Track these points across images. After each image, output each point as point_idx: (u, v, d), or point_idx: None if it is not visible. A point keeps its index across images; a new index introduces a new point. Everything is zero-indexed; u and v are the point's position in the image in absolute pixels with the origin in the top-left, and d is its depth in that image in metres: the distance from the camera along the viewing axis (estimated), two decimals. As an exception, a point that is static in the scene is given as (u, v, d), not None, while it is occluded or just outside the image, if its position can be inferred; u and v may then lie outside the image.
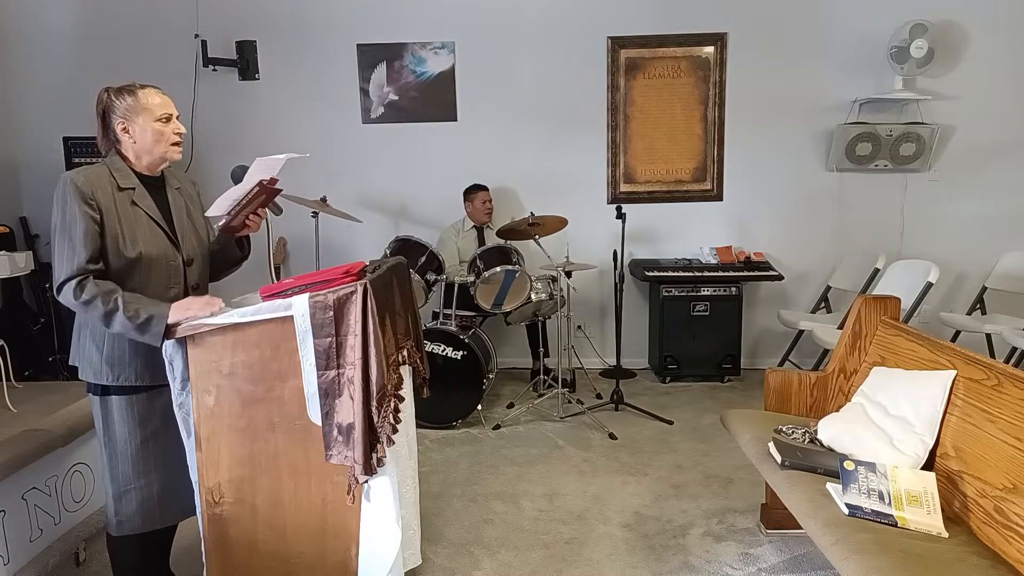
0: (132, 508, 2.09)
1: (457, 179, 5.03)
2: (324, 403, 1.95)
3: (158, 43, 4.98)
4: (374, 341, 1.93)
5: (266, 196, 2.16)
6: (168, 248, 2.09)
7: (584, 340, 5.19)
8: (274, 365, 1.99)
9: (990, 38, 4.89)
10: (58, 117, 4.95)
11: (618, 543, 2.83)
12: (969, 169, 5.01)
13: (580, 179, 5.17)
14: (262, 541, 2.07)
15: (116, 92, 2.04)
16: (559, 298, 4.42)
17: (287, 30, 5.03)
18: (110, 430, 2.06)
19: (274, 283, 2.06)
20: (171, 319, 1.94)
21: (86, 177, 1.97)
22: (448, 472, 3.53)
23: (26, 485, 2.46)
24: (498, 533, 2.93)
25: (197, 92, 5.05)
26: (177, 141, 2.10)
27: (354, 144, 5.15)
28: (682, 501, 3.18)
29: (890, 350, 2.67)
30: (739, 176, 5.15)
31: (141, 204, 2.05)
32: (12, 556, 2.38)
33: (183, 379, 2.01)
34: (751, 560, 2.68)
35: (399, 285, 2.39)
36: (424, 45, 5.05)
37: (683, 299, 4.81)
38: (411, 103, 5.11)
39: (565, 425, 4.15)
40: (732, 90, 5.06)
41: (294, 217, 4.40)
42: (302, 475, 2.03)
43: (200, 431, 2.02)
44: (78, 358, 2.08)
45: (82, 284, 1.91)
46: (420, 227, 5.14)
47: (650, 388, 4.85)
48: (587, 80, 5.06)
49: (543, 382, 4.57)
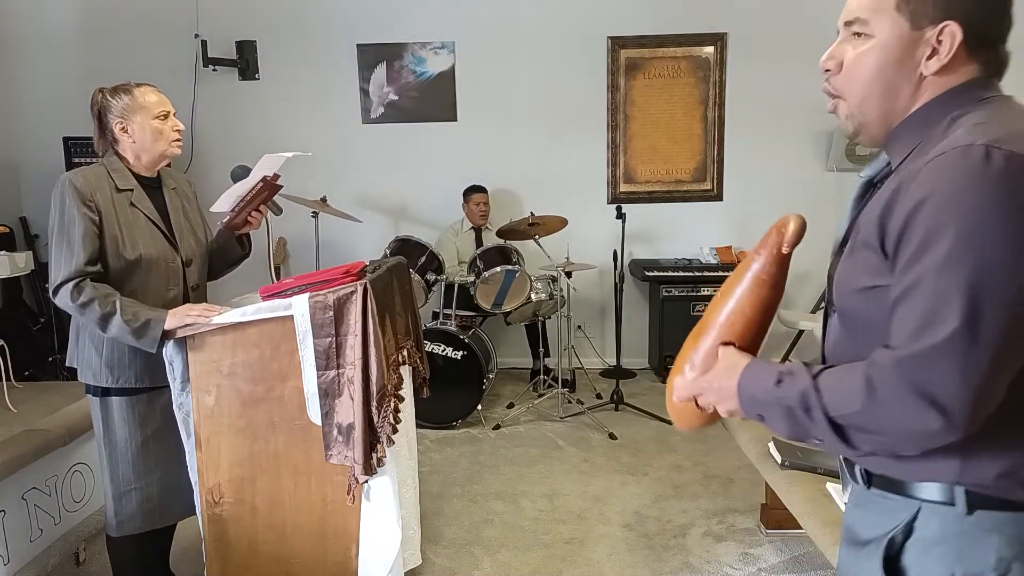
0: (132, 509, 2.09)
1: (457, 179, 5.03)
2: (324, 403, 1.95)
3: (158, 43, 4.98)
4: (374, 341, 1.93)
5: (269, 192, 2.16)
6: (167, 249, 2.09)
7: (584, 340, 5.19)
8: (274, 365, 1.99)
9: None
10: (58, 117, 4.94)
11: (618, 543, 2.83)
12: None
13: (580, 179, 5.17)
14: (262, 541, 2.07)
15: (111, 92, 2.04)
16: (559, 298, 4.42)
17: (287, 30, 5.03)
18: (110, 431, 2.06)
19: (274, 283, 2.06)
20: (168, 325, 1.93)
21: (85, 178, 1.96)
22: (448, 472, 3.53)
23: (26, 485, 2.45)
24: (498, 533, 2.93)
25: (197, 92, 5.05)
26: (177, 138, 2.10)
27: (354, 144, 5.14)
28: (682, 501, 3.17)
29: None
30: (739, 176, 5.15)
31: (139, 205, 2.05)
32: (12, 556, 2.38)
33: (183, 379, 2.01)
34: (751, 560, 2.68)
35: (399, 285, 2.39)
36: (424, 45, 5.05)
37: (683, 299, 4.81)
38: (411, 103, 5.11)
39: (565, 425, 4.15)
40: (732, 90, 5.06)
41: (294, 217, 4.40)
42: (302, 475, 2.03)
43: (200, 431, 2.02)
44: (76, 360, 2.08)
45: (79, 286, 1.90)
46: (420, 227, 5.13)
47: (650, 388, 4.85)
48: (587, 80, 5.06)
49: (543, 382, 4.57)
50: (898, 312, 0.88)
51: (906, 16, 0.95)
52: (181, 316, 1.95)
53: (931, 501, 0.92)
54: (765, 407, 0.99)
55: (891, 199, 0.91)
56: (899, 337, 0.87)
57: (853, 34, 1.00)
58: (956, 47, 0.94)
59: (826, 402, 0.91)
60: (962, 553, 0.89)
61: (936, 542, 0.91)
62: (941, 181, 0.85)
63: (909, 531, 0.93)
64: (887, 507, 0.98)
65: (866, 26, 0.98)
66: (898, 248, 0.89)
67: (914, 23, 0.95)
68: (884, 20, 0.96)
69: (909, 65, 0.96)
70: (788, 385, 0.95)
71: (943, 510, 0.91)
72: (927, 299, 0.85)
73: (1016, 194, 0.82)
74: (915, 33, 0.95)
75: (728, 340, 1.09)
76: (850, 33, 1.01)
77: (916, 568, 0.92)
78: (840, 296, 1.02)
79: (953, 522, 0.90)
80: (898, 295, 0.89)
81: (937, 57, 0.95)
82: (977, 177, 0.83)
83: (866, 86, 0.99)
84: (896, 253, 0.90)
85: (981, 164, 0.83)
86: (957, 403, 0.83)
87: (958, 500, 0.90)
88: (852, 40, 1.01)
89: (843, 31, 1.03)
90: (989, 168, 0.83)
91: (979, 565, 0.88)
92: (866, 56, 0.98)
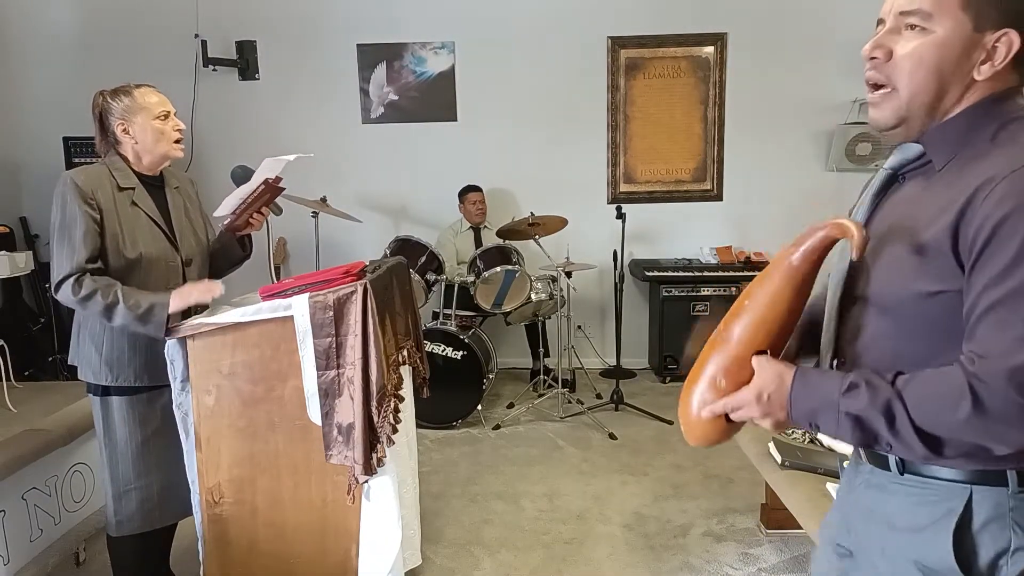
0: (132, 508, 2.09)
1: (457, 179, 5.03)
2: (324, 403, 1.95)
3: (158, 43, 4.98)
4: (374, 341, 1.93)
5: (270, 195, 2.17)
6: (167, 248, 2.09)
7: (584, 340, 5.19)
8: (274, 365, 1.99)
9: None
10: (58, 117, 4.94)
11: (618, 543, 2.83)
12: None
13: (580, 179, 5.17)
14: (262, 541, 2.07)
15: (112, 94, 2.04)
16: (559, 298, 4.42)
17: (287, 30, 5.03)
18: (110, 430, 2.06)
19: (274, 283, 2.06)
20: (172, 307, 1.94)
21: (86, 176, 1.97)
22: (448, 472, 3.53)
23: (26, 485, 2.45)
24: (498, 533, 2.93)
25: (197, 92, 5.05)
26: (178, 138, 2.10)
27: (354, 144, 5.15)
28: (682, 501, 3.18)
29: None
30: (739, 176, 5.15)
31: (141, 204, 2.06)
32: (12, 556, 2.38)
33: (183, 379, 2.01)
34: (751, 560, 2.68)
35: (399, 285, 2.39)
36: (424, 45, 5.05)
37: (683, 299, 4.81)
38: (411, 103, 5.11)
39: (565, 425, 4.15)
40: (732, 90, 5.06)
41: (294, 217, 4.39)
42: (302, 475, 2.04)
43: (200, 431, 2.02)
44: (77, 358, 2.08)
45: (80, 280, 1.91)
46: (420, 227, 5.13)
47: (650, 388, 4.85)
48: (587, 80, 5.06)
49: (543, 382, 4.57)
50: (989, 321, 0.91)
51: (971, 16, 0.97)
52: (184, 296, 1.96)
53: (984, 484, 0.98)
54: (826, 415, 1.00)
55: (966, 206, 0.93)
56: (996, 346, 0.90)
57: (908, 26, 1.00)
58: (1011, 55, 0.97)
59: (914, 414, 0.94)
60: (1016, 524, 0.96)
61: (992, 519, 0.97)
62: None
63: (968, 514, 0.98)
64: (924, 493, 1.02)
65: (928, 20, 0.98)
66: (979, 257, 0.91)
67: (977, 25, 0.97)
68: (948, 17, 0.97)
69: (966, 66, 0.99)
70: (862, 395, 0.97)
71: (997, 491, 0.97)
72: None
73: None
74: (976, 35, 0.97)
75: (762, 348, 1.07)
76: (904, 24, 1.01)
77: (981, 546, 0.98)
78: (890, 295, 1.02)
79: (1007, 499, 0.97)
80: (988, 305, 0.91)
81: (991, 63, 0.98)
82: None
83: (923, 80, 1.00)
84: (976, 262, 0.92)
85: None
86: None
87: (1011, 480, 0.97)
88: (906, 32, 1.01)
89: (893, 20, 1.02)
90: None
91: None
92: (926, 49, 0.99)
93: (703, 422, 1.13)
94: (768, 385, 1.05)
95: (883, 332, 1.05)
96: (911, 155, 1.07)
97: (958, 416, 0.91)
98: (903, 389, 0.95)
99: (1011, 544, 0.96)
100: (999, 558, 0.97)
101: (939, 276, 0.96)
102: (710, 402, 1.10)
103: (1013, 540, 0.96)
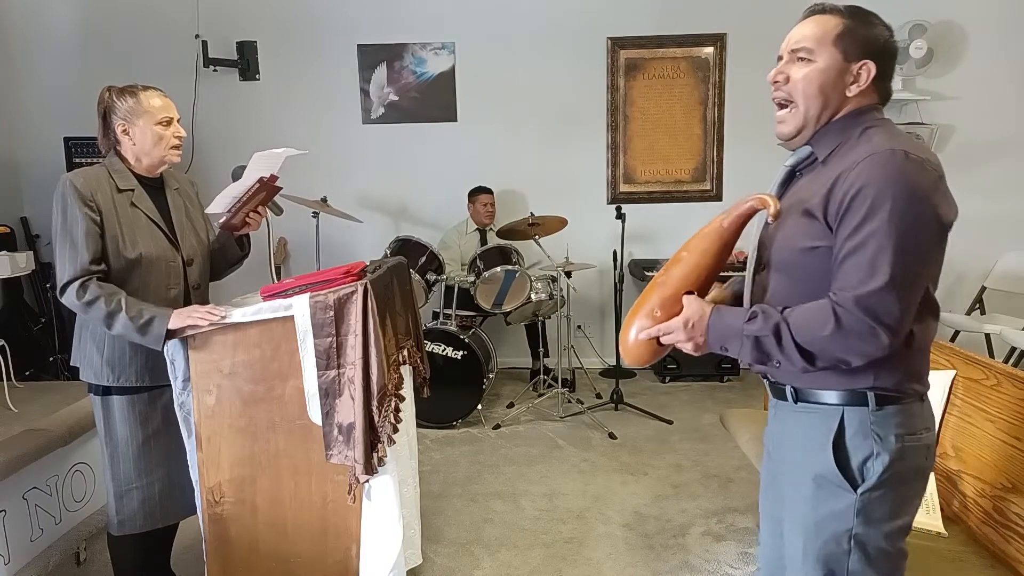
0: (133, 508, 2.10)
1: (457, 180, 5.04)
2: (325, 403, 1.95)
3: (159, 43, 4.99)
4: (374, 341, 1.93)
5: (267, 194, 2.16)
6: (168, 249, 2.09)
7: (584, 340, 5.20)
8: (275, 365, 1.99)
9: (989, 38, 4.89)
10: (58, 117, 4.95)
11: (618, 543, 2.84)
12: (968, 169, 5.00)
13: (580, 179, 5.17)
14: (263, 540, 2.08)
15: (118, 93, 2.04)
16: (559, 298, 4.42)
17: (287, 30, 5.03)
18: (111, 430, 2.07)
19: (274, 283, 2.07)
20: (172, 324, 1.94)
21: (85, 178, 1.97)
22: (448, 472, 3.54)
23: (27, 485, 2.46)
24: (498, 532, 2.93)
25: (197, 92, 5.05)
26: (177, 144, 2.10)
27: (354, 144, 5.15)
28: (682, 501, 3.18)
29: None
30: (739, 176, 5.15)
31: (140, 205, 2.06)
32: (13, 556, 2.38)
33: (184, 379, 2.01)
34: (751, 560, 2.68)
35: (399, 285, 2.40)
36: (424, 45, 5.05)
37: (683, 299, 4.80)
38: (411, 103, 5.12)
39: (565, 425, 4.16)
40: (731, 90, 5.06)
41: (294, 217, 4.41)
42: (303, 474, 2.04)
43: (201, 431, 2.03)
44: (79, 359, 2.09)
45: (85, 285, 1.92)
46: (420, 227, 5.14)
47: (650, 388, 4.86)
48: (587, 80, 5.06)
49: (543, 382, 4.57)
50: (847, 264, 1.24)
51: (840, 50, 1.33)
52: (184, 317, 1.95)
53: (852, 405, 1.30)
54: (733, 340, 1.32)
55: (834, 184, 1.27)
56: (851, 281, 1.23)
57: (799, 58, 1.36)
58: (871, 78, 1.33)
59: (796, 333, 1.26)
60: (875, 434, 1.29)
61: (858, 432, 1.30)
62: (876, 173, 1.22)
63: (841, 429, 1.30)
64: (812, 417, 1.35)
65: (812, 54, 1.34)
66: (841, 220, 1.25)
67: (846, 56, 1.33)
68: (825, 51, 1.34)
69: (840, 86, 1.34)
70: (760, 321, 1.29)
71: (860, 409, 1.30)
72: (870, 254, 1.21)
73: (922, 184, 1.22)
74: (845, 64, 1.33)
75: (691, 290, 1.39)
76: (796, 57, 1.36)
77: (852, 454, 1.29)
78: (781, 254, 1.37)
79: (868, 416, 1.29)
80: (847, 252, 1.24)
81: (857, 83, 1.34)
82: (900, 172, 1.21)
83: (813, 98, 1.35)
84: (839, 223, 1.25)
85: (903, 163, 1.22)
86: (900, 325, 1.22)
87: (871, 401, 1.29)
88: (798, 63, 1.36)
89: (788, 55, 1.38)
90: (907, 166, 1.22)
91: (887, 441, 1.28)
92: (814, 74, 1.34)
93: (639, 343, 1.43)
94: (693, 316, 1.37)
95: (780, 286, 1.38)
96: (803, 155, 1.41)
97: (825, 332, 1.23)
98: (788, 316, 1.28)
99: (873, 451, 1.28)
100: (866, 461, 1.29)
101: (817, 235, 1.30)
102: (647, 327, 1.40)
103: (874, 447, 1.28)
